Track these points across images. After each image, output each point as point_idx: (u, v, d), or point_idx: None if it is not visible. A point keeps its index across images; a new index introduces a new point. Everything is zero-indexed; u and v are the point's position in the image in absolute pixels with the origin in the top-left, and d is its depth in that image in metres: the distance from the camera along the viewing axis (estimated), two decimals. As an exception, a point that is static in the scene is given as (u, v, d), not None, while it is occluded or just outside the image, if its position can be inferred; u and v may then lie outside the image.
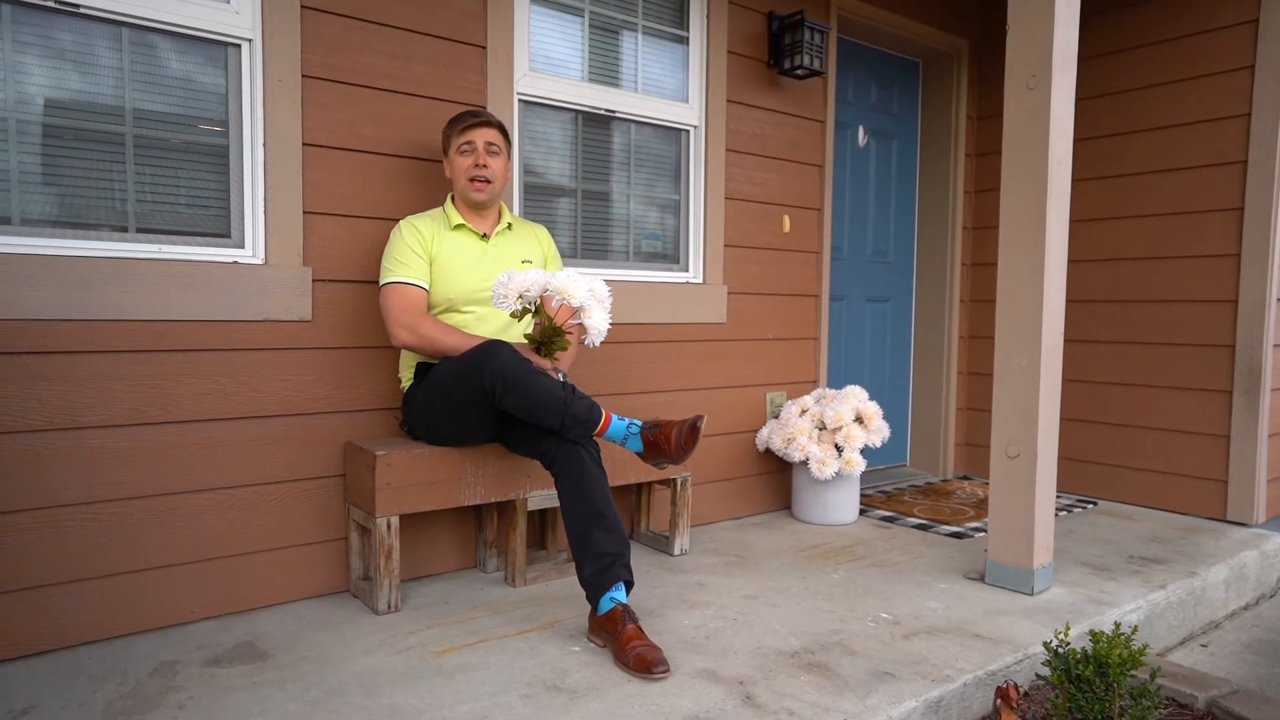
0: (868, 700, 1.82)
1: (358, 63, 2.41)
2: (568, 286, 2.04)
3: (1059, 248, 2.50)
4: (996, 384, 2.58)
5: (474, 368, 2.11)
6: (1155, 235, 3.67)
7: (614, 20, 3.00)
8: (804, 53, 3.28)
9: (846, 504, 3.30)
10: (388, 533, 2.25)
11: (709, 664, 1.99)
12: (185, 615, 2.20)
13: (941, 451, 4.28)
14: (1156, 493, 3.69)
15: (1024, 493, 2.53)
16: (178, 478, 2.18)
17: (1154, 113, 3.66)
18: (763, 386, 3.47)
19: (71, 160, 2.07)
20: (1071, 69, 2.49)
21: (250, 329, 2.27)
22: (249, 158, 2.28)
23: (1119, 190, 3.78)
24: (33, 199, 2.03)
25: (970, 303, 4.33)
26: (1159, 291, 3.66)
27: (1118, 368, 3.80)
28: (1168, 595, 2.61)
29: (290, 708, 1.75)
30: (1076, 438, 3.93)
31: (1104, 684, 1.68)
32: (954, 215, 4.21)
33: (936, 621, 2.29)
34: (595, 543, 2.08)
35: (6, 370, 1.96)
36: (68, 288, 2.01)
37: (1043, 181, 2.46)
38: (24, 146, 2.01)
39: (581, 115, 2.96)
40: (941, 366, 4.28)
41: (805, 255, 3.58)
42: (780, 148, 3.45)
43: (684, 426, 2.15)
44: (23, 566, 1.99)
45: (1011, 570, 2.56)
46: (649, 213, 3.17)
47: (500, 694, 1.82)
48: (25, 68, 2.00)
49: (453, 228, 2.39)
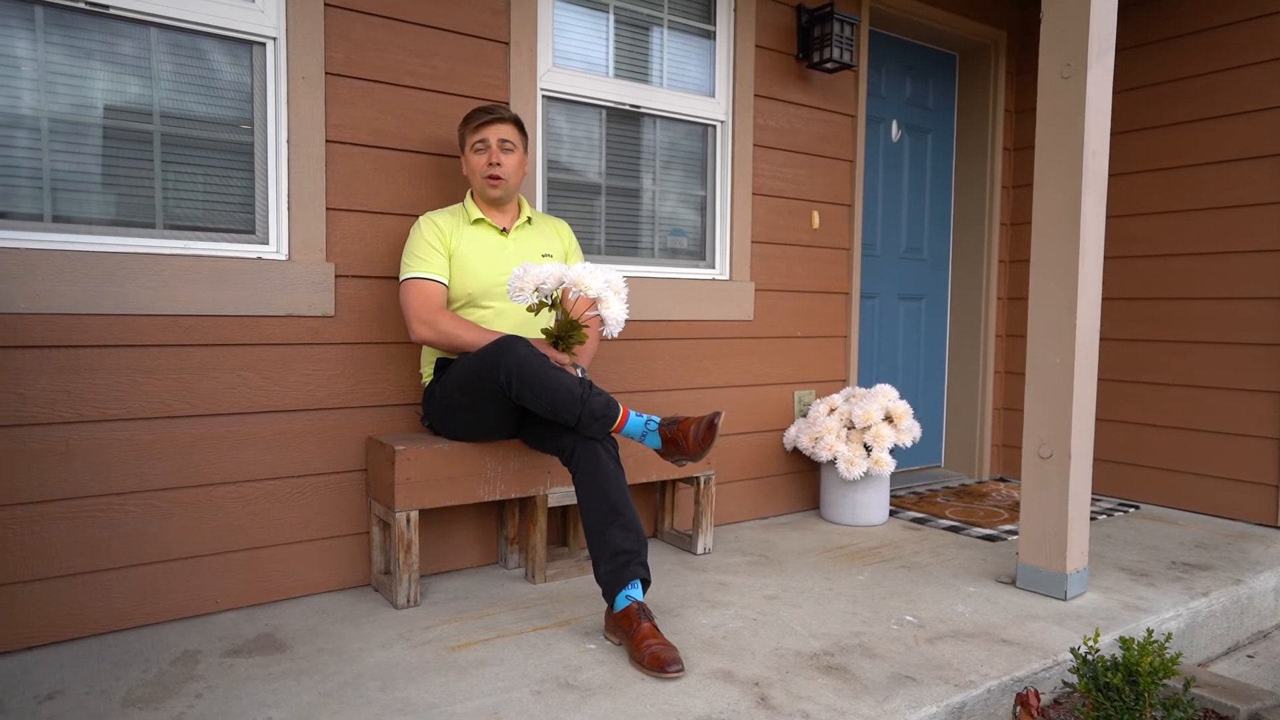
0: (886, 704, 1.77)
1: (380, 59, 2.42)
2: (584, 278, 2.03)
3: (1094, 241, 2.42)
4: (1028, 382, 2.50)
5: (490, 363, 2.10)
6: (1201, 230, 3.54)
7: (639, 15, 2.98)
8: (833, 45, 3.22)
9: (876, 504, 3.23)
10: (407, 527, 2.26)
11: (725, 664, 1.95)
12: (209, 606, 2.23)
13: (977, 453, 4.18)
14: (1202, 497, 3.56)
15: (1057, 495, 2.45)
16: (203, 470, 2.22)
17: (1198, 103, 3.53)
18: (790, 385, 3.42)
19: (100, 158, 2.11)
20: (1108, 56, 2.41)
21: (274, 324, 2.29)
22: (273, 154, 2.30)
23: (1162, 184, 3.66)
24: (62, 196, 2.07)
25: (1008, 300, 4.22)
26: (1204, 288, 3.53)
27: (1162, 367, 3.67)
28: (1210, 603, 2.51)
29: (304, 699, 1.76)
30: (1119, 439, 3.81)
31: (1134, 693, 1.62)
32: (991, 211, 4.12)
33: (963, 625, 2.23)
34: (612, 540, 2.06)
35: (36, 364, 2.00)
36: (96, 283, 2.05)
37: (1078, 173, 2.38)
38: (54, 145, 2.06)
39: (606, 111, 2.94)
40: (978, 366, 4.18)
41: (835, 252, 3.52)
42: (809, 143, 3.40)
43: (701, 423, 2.12)
44: (52, 555, 2.03)
45: (1043, 574, 2.48)
46: (675, 209, 3.14)
47: (512, 690, 1.81)
48: (56, 69, 2.05)
49: (472, 222, 2.40)
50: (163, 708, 1.72)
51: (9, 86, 1.99)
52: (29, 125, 2.02)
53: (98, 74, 2.10)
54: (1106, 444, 3.85)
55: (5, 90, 1.99)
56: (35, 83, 2.02)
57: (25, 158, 2.02)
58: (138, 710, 1.71)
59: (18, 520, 1.99)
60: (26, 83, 2.01)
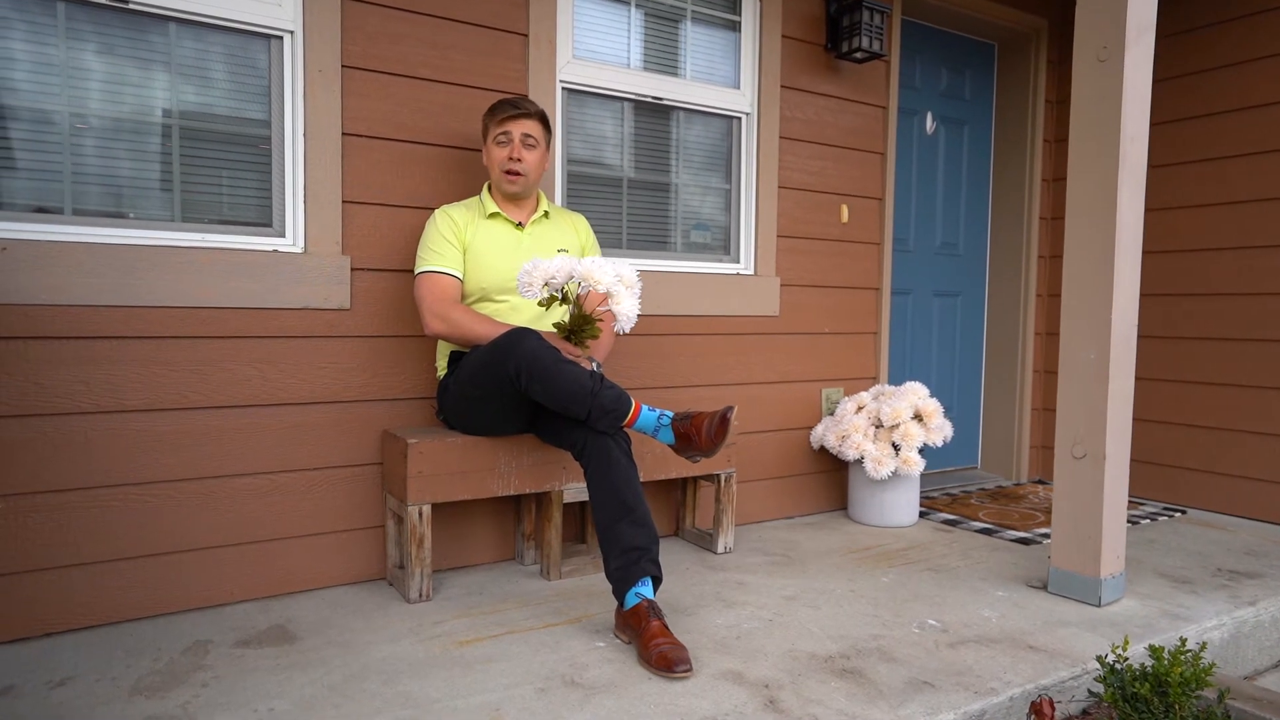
0: (901, 710, 1.70)
1: (397, 52, 2.42)
2: (593, 272, 1.99)
3: (1132, 231, 2.32)
4: (1061, 379, 2.40)
5: (500, 356, 2.08)
6: (1248, 222, 3.38)
7: (662, 5, 2.94)
8: (863, 35, 3.14)
9: (905, 505, 3.14)
10: (419, 521, 2.25)
11: (736, 665, 1.90)
12: (224, 597, 2.25)
13: (1015, 453, 4.05)
14: (1254, 502, 3.39)
15: (1091, 496, 2.34)
16: (219, 462, 2.23)
17: (1244, 91, 3.37)
18: (818, 382, 3.35)
19: (119, 151, 2.14)
20: (1148, 39, 2.30)
21: (290, 316, 2.30)
22: (290, 147, 2.31)
23: (1206, 176, 3.50)
24: (81, 189, 2.10)
25: (1048, 297, 4.08)
26: (1254, 284, 3.37)
27: (1210, 366, 3.51)
28: (1258, 612, 2.38)
29: (308, 691, 1.75)
30: (1163, 441, 3.66)
31: (1163, 705, 1.53)
32: (1030, 205, 3.99)
33: (988, 630, 2.14)
34: (622, 536, 2.02)
35: (56, 354, 2.03)
36: (114, 275, 2.07)
37: (1114, 159, 2.28)
38: (73, 138, 2.09)
39: (628, 103, 2.91)
40: (1016, 364, 4.05)
41: (865, 247, 3.44)
42: (838, 135, 3.32)
43: (714, 418, 2.07)
44: (70, 544, 2.06)
45: (1077, 579, 2.38)
46: (699, 203, 3.09)
47: (515, 686, 1.78)
48: (77, 63, 2.08)
49: (488, 216, 2.38)
50: (169, 696, 1.73)
51: (30, 81, 2.03)
52: (49, 120, 2.05)
53: (117, 68, 2.12)
54: (1151, 445, 3.70)
55: (26, 85, 2.02)
56: (56, 77, 2.05)
57: (45, 152, 2.05)
58: (144, 698, 1.72)
59: (37, 509, 2.02)
60: (47, 78, 2.04)
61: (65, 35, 2.06)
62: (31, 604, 2.02)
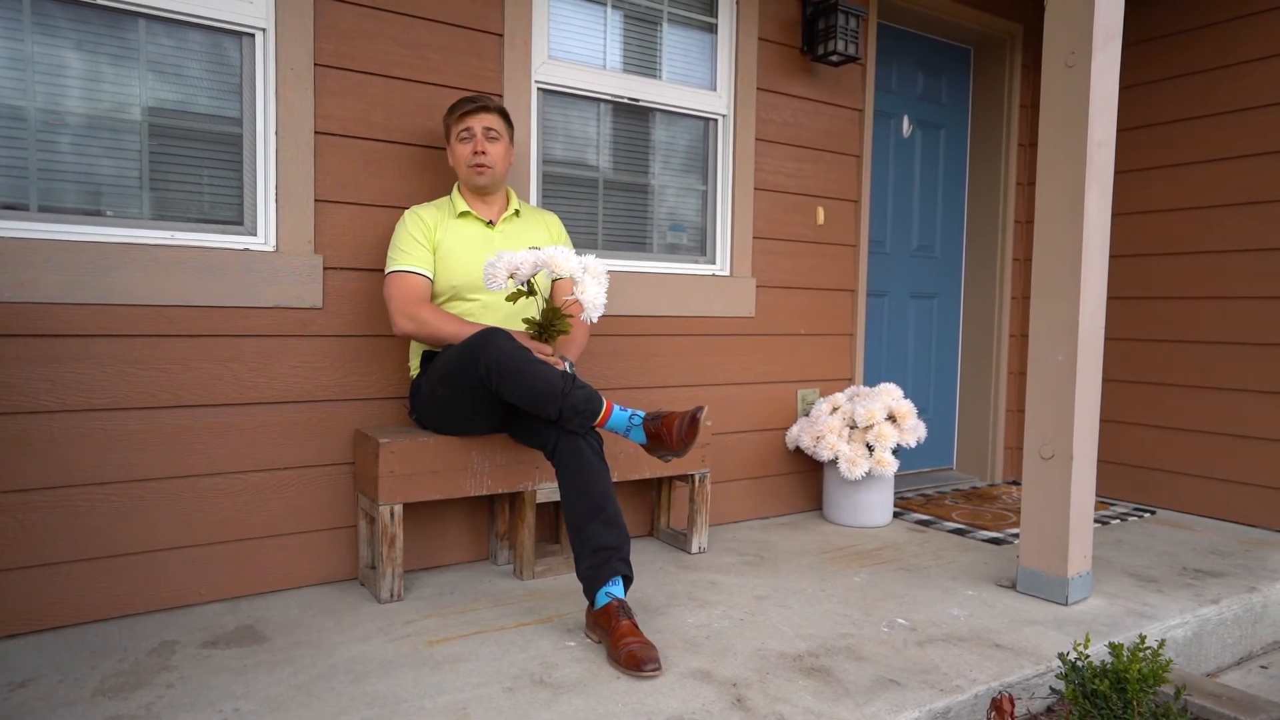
0: (866, 708, 1.72)
1: (370, 51, 2.41)
2: (556, 259, 2.00)
3: (1099, 234, 2.35)
4: (1030, 380, 2.43)
5: (470, 355, 2.08)
6: (1219, 227, 3.43)
7: (638, 6, 2.95)
8: (839, 38, 3.16)
9: (879, 505, 3.17)
10: (391, 521, 2.24)
11: (705, 664, 1.91)
12: (192, 597, 2.23)
13: (990, 454, 4.09)
14: (1220, 502, 3.44)
15: (1058, 496, 2.37)
16: (188, 461, 2.22)
17: (1210, 98, 3.42)
18: (794, 383, 3.37)
19: (87, 148, 2.12)
20: (1114, 45, 2.33)
21: (261, 315, 2.29)
22: (261, 145, 2.30)
23: (1174, 181, 3.55)
24: (48, 185, 2.08)
25: (1023, 300, 4.13)
26: (1224, 287, 3.42)
27: (1178, 368, 3.56)
28: (1221, 611, 2.42)
29: (274, 691, 1.75)
30: (1133, 442, 3.70)
31: (1121, 701, 1.55)
32: (1005, 208, 4.03)
33: (956, 629, 2.17)
34: (593, 535, 2.02)
35: (21, 352, 2.01)
36: (82, 272, 2.06)
37: (1081, 164, 2.31)
38: (40, 134, 2.07)
39: (603, 104, 2.91)
40: (991, 366, 4.09)
41: (841, 248, 3.46)
42: (814, 137, 3.34)
43: (684, 418, 2.08)
44: (34, 544, 2.04)
45: (1044, 578, 2.40)
46: (675, 204, 3.10)
47: (483, 686, 1.78)
48: (42, 58, 2.06)
49: (458, 215, 2.38)
50: (131, 698, 1.71)
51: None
52: (15, 115, 2.03)
53: (85, 64, 2.10)
54: (1121, 446, 3.75)
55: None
56: (23, 72, 2.03)
57: (11, 147, 2.03)
58: (107, 699, 1.70)
59: (1, 509, 2.00)
60: (14, 72, 2.02)
61: (32, 29, 2.04)
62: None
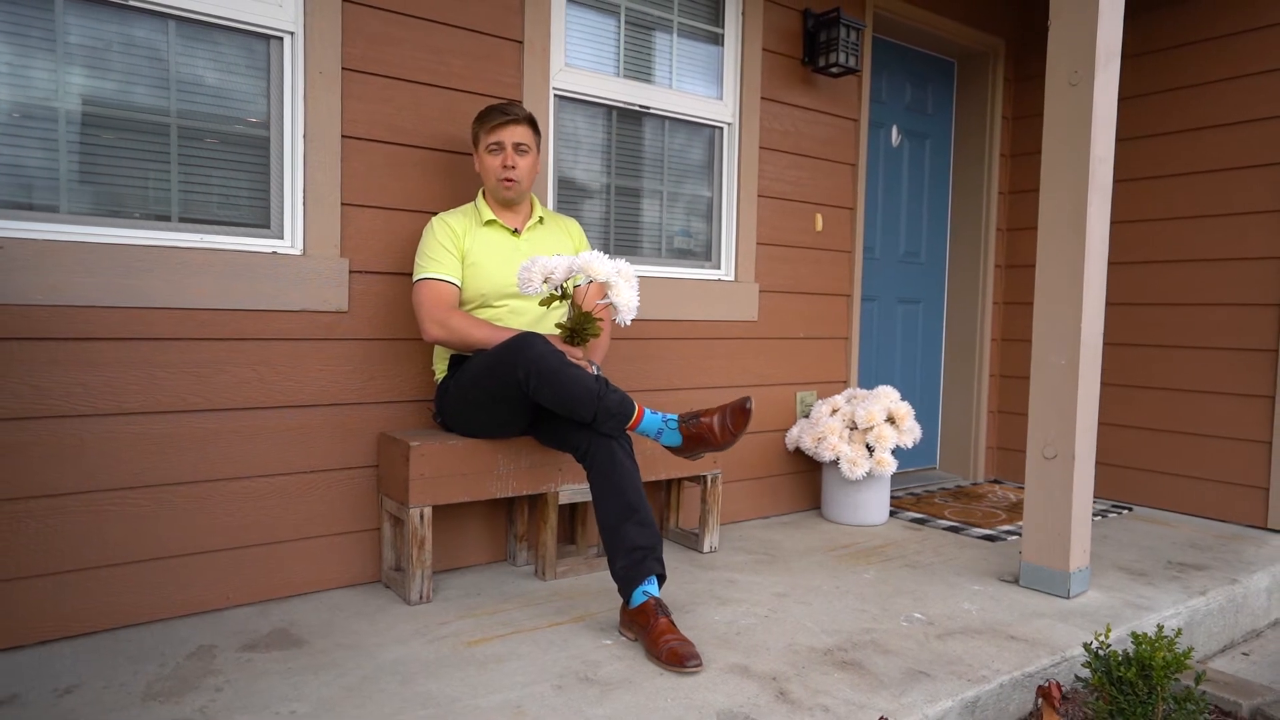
0: (903, 699, 1.80)
1: (396, 55, 2.43)
2: (592, 264, 2.05)
3: (1099, 244, 2.47)
4: (1033, 383, 2.54)
5: (508, 360, 2.11)
6: (1195, 237, 3.61)
7: (649, 16, 3.00)
8: (839, 50, 3.26)
9: (877, 505, 3.27)
10: (420, 523, 2.26)
11: (741, 660, 1.97)
12: (221, 601, 2.23)
13: (972, 454, 4.23)
14: (1195, 499, 3.62)
15: (1061, 494, 2.49)
16: (216, 465, 2.21)
17: (1195, 113, 3.60)
18: (793, 385, 3.45)
19: (117, 150, 2.10)
20: (1115, 65, 2.46)
21: (288, 319, 2.29)
22: (289, 149, 2.30)
23: (1157, 191, 3.72)
24: (79, 189, 2.06)
25: (1004, 305, 4.28)
26: (1199, 295, 3.60)
27: (1156, 371, 3.74)
28: (1208, 601, 2.56)
29: (325, 693, 1.76)
30: (1113, 442, 3.87)
31: (1147, 687, 1.65)
32: (988, 216, 4.17)
33: (970, 622, 2.26)
34: (628, 536, 2.07)
35: (52, 355, 1.99)
36: (113, 275, 2.04)
37: (1084, 178, 2.42)
38: (71, 137, 2.05)
39: (616, 111, 2.96)
40: (973, 369, 4.23)
41: (837, 254, 3.56)
42: (814, 146, 3.43)
43: (728, 410, 2.13)
44: (65, 550, 2.02)
45: (1047, 573, 2.52)
46: (681, 210, 3.17)
47: (532, 684, 1.82)
48: (74, 60, 2.04)
49: (484, 223, 2.40)
50: (184, 701, 1.72)
51: (28, 78, 1.98)
52: (46, 117, 2.01)
53: (116, 66, 2.09)
54: (1102, 446, 3.91)
55: (23, 81, 1.98)
56: (54, 74, 2.01)
57: (42, 150, 2.01)
58: (159, 704, 1.70)
59: (31, 514, 1.98)
60: (45, 74, 2.00)
61: (62, 31, 2.02)
62: (27, 610, 1.98)
